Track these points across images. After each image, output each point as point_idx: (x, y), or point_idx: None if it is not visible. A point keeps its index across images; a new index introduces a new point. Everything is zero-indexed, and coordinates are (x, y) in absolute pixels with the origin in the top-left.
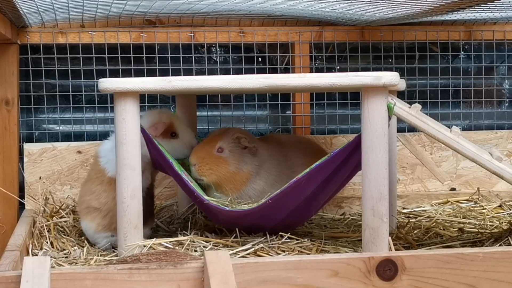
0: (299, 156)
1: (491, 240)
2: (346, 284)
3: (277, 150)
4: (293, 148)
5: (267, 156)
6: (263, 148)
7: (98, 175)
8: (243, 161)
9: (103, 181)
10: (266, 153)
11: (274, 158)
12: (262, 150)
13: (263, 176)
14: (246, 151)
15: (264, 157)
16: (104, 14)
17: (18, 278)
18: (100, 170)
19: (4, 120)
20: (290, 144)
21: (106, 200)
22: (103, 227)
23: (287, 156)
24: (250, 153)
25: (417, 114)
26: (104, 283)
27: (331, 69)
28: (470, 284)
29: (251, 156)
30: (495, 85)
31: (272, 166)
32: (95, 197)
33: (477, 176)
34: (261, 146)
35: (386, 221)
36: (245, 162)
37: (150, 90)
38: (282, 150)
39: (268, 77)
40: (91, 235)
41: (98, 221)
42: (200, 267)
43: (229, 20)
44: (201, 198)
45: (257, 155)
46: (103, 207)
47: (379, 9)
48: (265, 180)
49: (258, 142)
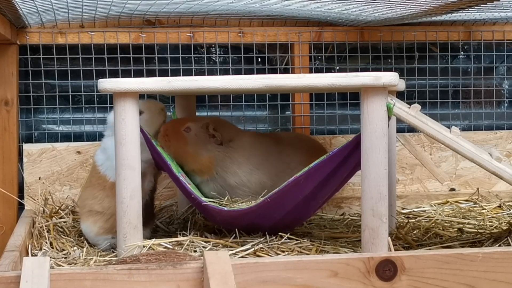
0: (296, 153)
1: (491, 240)
2: (346, 284)
3: (266, 143)
4: (290, 144)
5: (246, 147)
6: (243, 140)
7: (100, 181)
8: (205, 147)
9: (105, 186)
10: (246, 144)
11: (257, 149)
12: (240, 142)
13: (235, 160)
14: (213, 140)
15: (241, 147)
16: (104, 15)
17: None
18: (101, 177)
19: (4, 120)
20: (288, 141)
21: (109, 204)
22: (105, 230)
23: (281, 152)
24: (216, 141)
25: (417, 115)
26: (104, 283)
27: (331, 69)
28: (469, 284)
29: (215, 144)
30: (494, 85)
31: (251, 154)
32: (97, 201)
33: (477, 176)
34: (242, 138)
35: (385, 221)
36: (207, 149)
37: (150, 91)
38: (276, 145)
39: (267, 78)
40: (92, 237)
41: (100, 224)
42: (199, 268)
43: (228, 21)
44: (199, 200)
45: (228, 145)
46: (106, 211)
47: (378, 10)
48: (238, 164)
49: (239, 134)
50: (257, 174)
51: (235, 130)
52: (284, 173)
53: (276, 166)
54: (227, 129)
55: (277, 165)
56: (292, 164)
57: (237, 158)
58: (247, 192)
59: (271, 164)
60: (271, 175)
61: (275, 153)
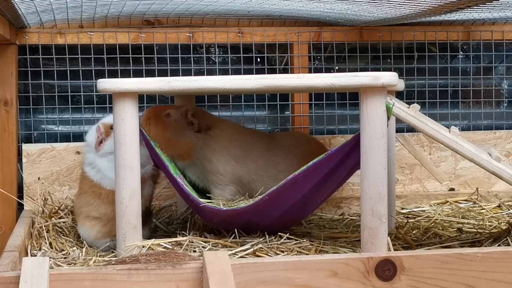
0: (288, 156)
1: (490, 240)
2: (345, 284)
3: (250, 139)
4: (284, 146)
5: (225, 137)
6: (223, 129)
7: (94, 189)
8: (182, 133)
9: (100, 194)
10: (225, 134)
11: (237, 141)
12: (219, 131)
13: (211, 147)
14: (191, 127)
15: (219, 136)
16: (103, 15)
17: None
18: (95, 185)
19: (3, 120)
20: (283, 142)
21: (106, 211)
22: (103, 234)
23: (269, 151)
24: (193, 128)
25: (416, 114)
26: (103, 283)
27: (330, 69)
28: (469, 284)
29: (192, 130)
30: (493, 85)
31: (232, 145)
32: (94, 208)
33: (476, 176)
34: (222, 128)
35: (385, 221)
36: (185, 135)
37: (149, 91)
38: (265, 143)
39: (266, 78)
40: (90, 241)
41: (98, 229)
42: (199, 268)
43: (227, 21)
44: (197, 202)
45: (207, 133)
46: (103, 217)
47: (377, 9)
48: (213, 151)
49: (220, 123)
50: (233, 165)
51: (214, 119)
52: (267, 173)
53: (258, 163)
54: (206, 117)
55: (260, 163)
56: (281, 166)
57: (213, 146)
58: (223, 180)
59: (252, 160)
60: (249, 170)
61: (260, 150)
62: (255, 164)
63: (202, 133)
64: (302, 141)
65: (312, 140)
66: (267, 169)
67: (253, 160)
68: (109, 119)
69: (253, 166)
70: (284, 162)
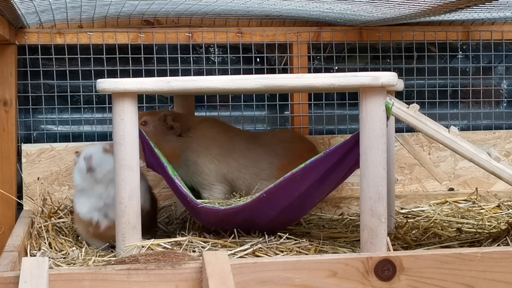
0: (270, 155)
1: (489, 240)
2: (345, 284)
3: (231, 136)
4: (268, 146)
5: (207, 136)
6: (202, 129)
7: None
8: (164, 139)
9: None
10: (206, 133)
11: (217, 140)
12: (199, 131)
13: (194, 149)
14: (172, 131)
15: (200, 136)
16: (102, 15)
17: (16, 279)
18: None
19: (2, 120)
20: (268, 141)
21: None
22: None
23: (250, 150)
24: (175, 133)
25: (415, 114)
26: (102, 283)
27: (329, 69)
28: (468, 284)
29: (174, 135)
30: (493, 85)
31: (213, 144)
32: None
33: (475, 176)
34: (201, 127)
35: (384, 221)
36: (167, 140)
37: (148, 91)
38: (247, 142)
39: (266, 78)
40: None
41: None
42: (198, 268)
43: (227, 21)
44: (194, 203)
45: (187, 135)
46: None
47: (377, 9)
48: (197, 153)
49: (199, 123)
50: (216, 164)
51: (194, 119)
52: (249, 170)
53: (239, 161)
54: (185, 119)
55: (241, 161)
56: (263, 164)
57: (195, 147)
58: (208, 180)
59: (233, 158)
60: (232, 168)
61: (241, 148)
62: (236, 162)
63: (183, 135)
64: (287, 139)
65: (298, 139)
66: (248, 167)
67: (234, 158)
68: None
69: (235, 164)
70: (265, 160)
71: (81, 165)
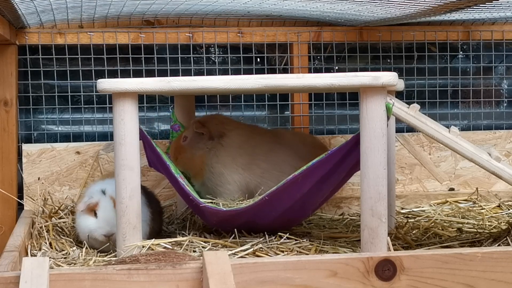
0: (292, 156)
1: (490, 240)
2: (345, 284)
3: (259, 141)
4: (286, 145)
5: (237, 143)
6: (236, 134)
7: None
8: (197, 147)
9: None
10: (236, 140)
11: (248, 147)
12: (232, 136)
13: (221, 159)
14: (204, 136)
15: (230, 142)
16: (103, 15)
17: (17, 279)
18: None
19: (3, 121)
20: (288, 141)
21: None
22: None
23: (273, 150)
24: (205, 137)
25: (416, 114)
26: (103, 283)
27: (330, 69)
28: (468, 284)
29: (206, 140)
30: (493, 85)
31: (239, 153)
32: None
33: (476, 176)
34: (235, 132)
35: (384, 221)
36: (199, 147)
37: (149, 91)
38: (268, 143)
39: (266, 78)
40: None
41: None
42: (199, 268)
43: (227, 21)
44: (197, 202)
45: (218, 142)
46: None
47: (377, 10)
48: (223, 163)
49: (231, 129)
50: (241, 173)
51: (229, 123)
52: (271, 175)
53: (262, 166)
54: (218, 123)
55: (264, 166)
56: (284, 167)
57: (222, 157)
58: (230, 190)
59: (257, 165)
60: (255, 175)
61: (264, 152)
62: (259, 168)
63: (214, 141)
64: (307, 142)
65: (316, 142)
66: (270, 170)
67: (257, 164)
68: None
69: (258, 171)
70: (286, 162)
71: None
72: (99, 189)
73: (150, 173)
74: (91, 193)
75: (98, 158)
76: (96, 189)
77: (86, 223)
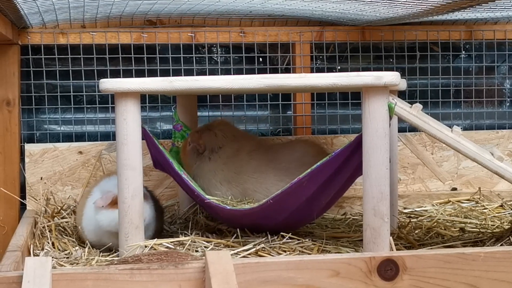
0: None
1: (492, 240)
2: (347, 284)
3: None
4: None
5: (223, 158)
6: (224, 149)
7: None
8: (191, 156)
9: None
10: (222, 155)
11: (232, 164)
12: (221, 152)
13: (204, 173)
14: (199, 148)
15: (217, 157)
16: (105, 15)
17: (19, 279)
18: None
19: (5, 120)
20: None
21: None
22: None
23: (260, 170)
24: (200, 149)
25: (418, 114)
26: (105, 283)
27: (332, 69)
28: (471, 284)
29: (198, 153)
30: (496, 84)
31: (221, 168)
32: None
33: (478, 176)
34: (225, 148)
35: (387, 221)
36: (192, 157)
37: (151, 91)
38: (260, 163)
39: (269, 77)
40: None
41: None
42: (201, 267)
43: (229, 21)
44: (202, 197)
45: (210, 153)
46: None
47: (380, 9)
48: (205, 178)
49: (227, 142)
50: (220, 190)
51: (221, 138)
52: (252, 193)
53: (246, 185)
54: (212, 136)
55: (248, 185)
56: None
57: (206, 172)
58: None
59: (239, 183)
60: (238, 191)
61: (250, 171)
62: (240, 186)
63: (205, 154)
64: (303, 154)
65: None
66: (254, 190)
67: (240, 182)
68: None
69: (238, 189)
70: (273, 186)
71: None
72: (113, 184)
73: (152, 172)
74: (106, 189)
75: (101, 158)
76: (111, 184)
77: (113, 216)
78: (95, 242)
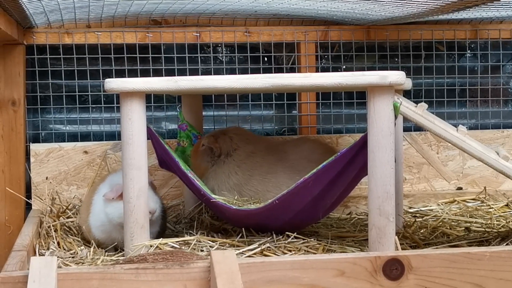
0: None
1: (498, 239)
2: (353, 283)
3: (260, 161)
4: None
5: (236, 161)
6: (238, 152)
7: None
8: (205, 159)
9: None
10: (236, 158)
11: (245, 167)
12: (235, 155)
13: (218, 175)
14: (214, 151)
15: (231, 160)
16: (110, 14)
17: (25, 278)
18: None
19: (11, 120)
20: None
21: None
22: None
23: (272, 172)
24: (216, 153)
25: (424, 113)
26: (111, 283)
27: (337, 68)
28: (476, 283)
29: (214, 155)
30: (501, 84)
31: (234, 171)
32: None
33: (484, 175)
34: (238, 151)
35: (392, 220)
36: (205, 160)
37: (156, 90)
38: (272, 164)
39: (274, 77)
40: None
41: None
42: (206, 267)
43: (234, 20)
44: (208, 196)
45: (225, 156)
46: None
47: (385, 8)
48: (217, 180)
49: (240, 146)
50: (232, 194)
51: (235, 141)
52: (265, 196)
53: (258, 188)
54: (227, 140)
55: (260, 188)
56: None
57: (219, 175)
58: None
59: (252, 186)
60: (249, 194)
61: (262, 173)
62: (253, 189)
63: (220, 158)
64: (311, 153)
65: (322, 150)
66: (264, 193)
67: (252, 185)
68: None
69: (250, 192)
70: (284, 186)
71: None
72: (119, 178)
73: (157, 172)
74: (114, 182)
75: (106, 158)
76: (118, 178)
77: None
78: (103, 239)
